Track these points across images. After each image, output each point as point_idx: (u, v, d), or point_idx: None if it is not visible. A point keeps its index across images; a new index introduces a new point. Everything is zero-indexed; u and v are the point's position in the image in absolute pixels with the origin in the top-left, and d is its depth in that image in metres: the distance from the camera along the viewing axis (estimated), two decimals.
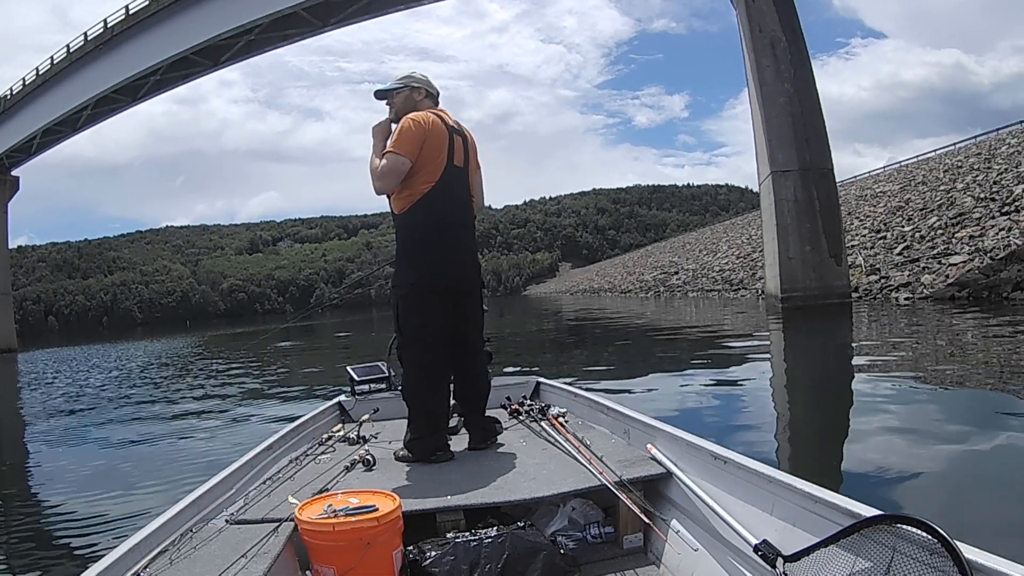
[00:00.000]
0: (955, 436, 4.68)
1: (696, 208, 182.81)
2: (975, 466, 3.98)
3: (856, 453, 4.51)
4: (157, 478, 5.20)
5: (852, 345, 10.56)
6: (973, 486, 3.63)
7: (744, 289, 26.42)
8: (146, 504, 4.29)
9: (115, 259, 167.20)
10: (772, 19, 18.63)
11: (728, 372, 8.72)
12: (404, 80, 3.22)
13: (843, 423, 5.43)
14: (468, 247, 3.18)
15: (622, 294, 46.46)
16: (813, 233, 17.76)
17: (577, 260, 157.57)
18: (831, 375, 8.49)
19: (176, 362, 19.86)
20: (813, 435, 5.45)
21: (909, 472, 3.90)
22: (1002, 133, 32.46)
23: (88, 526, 4.03)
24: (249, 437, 6.20)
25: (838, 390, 7.21)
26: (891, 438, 4.74)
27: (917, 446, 4.46)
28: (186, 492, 2.34)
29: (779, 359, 10.14)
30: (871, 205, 29.28)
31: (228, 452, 5.43)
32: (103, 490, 4.90)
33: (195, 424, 7.86)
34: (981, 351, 8.38)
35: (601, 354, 13.14)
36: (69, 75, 33.93)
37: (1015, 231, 16.27)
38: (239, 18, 27.24)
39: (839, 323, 13.73)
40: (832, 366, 9.27)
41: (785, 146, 18.17)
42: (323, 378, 11.44)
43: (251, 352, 19.40)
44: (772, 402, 6.86)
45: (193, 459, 5.82)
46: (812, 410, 6.51)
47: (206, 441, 6.66)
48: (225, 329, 56.21)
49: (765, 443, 5.06)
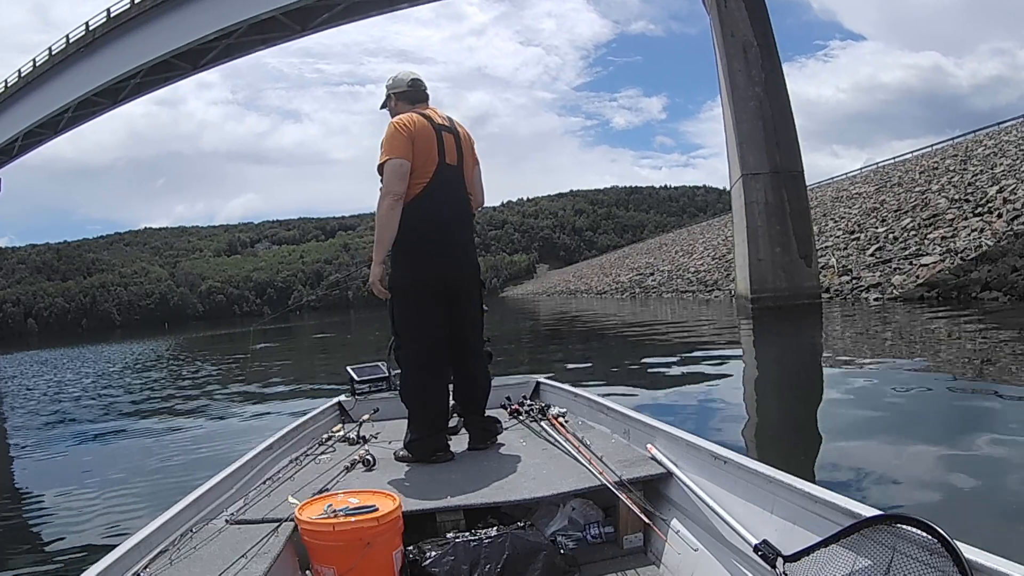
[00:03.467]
0: (917, 428, 4.88)
1: (673, 209, 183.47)
2: (949, 457, 4.08)
3: (816, 444, 4.67)
4: (155, 479, 5.20)
5: (819, 344, 10.85)
6: (950, 477, 3.70)
7: (718, 290, 26.50)
8: (145, 504, 4.29)
9: (94, 261, 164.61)
10: (744, 24, 18.79)
11: (693, 368, 8.91)
12: (386, 88, 3.27)
13: (806, 419, 5.65)
14: (464, 246, 3.16)
15: (598, 295, 46.57)
16: (783, 235, 17.96)
17: (555, 261, 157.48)
18: (795, 372, 8.79)
19: (161, 365, 19.66)
20: (778, 430, 5.64)
21: (879, 464, 4.03)
22: (979, 135, 32.69)
23: (88, 526, 4.00)
24: (242, 437, 6.26)
25: (802, 386, 7.53)
26: (854, 431, 4.97)
27: (879, 437, 4.66)
28: (185, 492, 2.33)
29: (750, 357, 10.41)
30: (846, 207, 29.58)
31: (227, 452, 5.43)
32: (103, 491, 4.86)
33: (191, 424, 7.86)
34: (943, 346, 8.71)
35: (572, 353, 13.38)
36: (51, 78, 33.88)
37: (987, 232, 16.53)
38: (218, 22, 27.23)
39: (807, 323, 13.97)
40: (798, 364, 9.55)
41: (756, 149, 18.34)
42: (304, 377, 11.53)
43: (235, 353, 19.34)
44: (735, 398, 7.00)
45: (192, 459, 5.81)
46: (775, 405, 6.77)
47: (203, 441, 6.67)
48: (203, 331, 55.62)
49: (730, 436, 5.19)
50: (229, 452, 5.15)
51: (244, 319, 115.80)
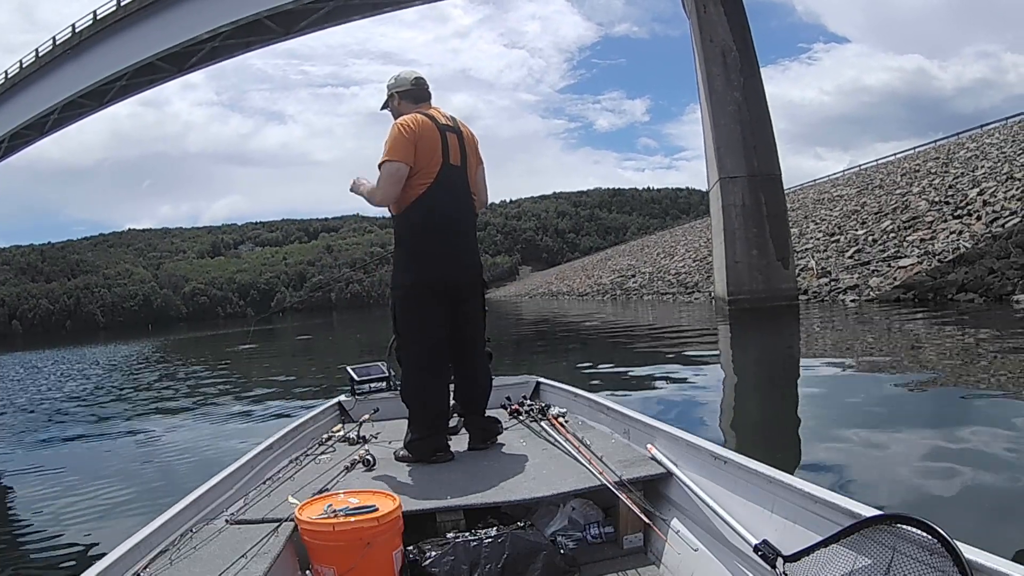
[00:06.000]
0: (896, 426, 4.96)
1: (656, 211, 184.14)
2: (929, 455, 4.17)
3: (795, 445, 4.73)
4: (153, 479, 5.19)
5: (795, 345, 11.03)
6: (931, 474, 3.80)
7: (698, 292, 26.60)
8: (144, 504, 4.27)
9: (78, 262, 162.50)
10: (723, 29, 19.04)
11: (667, 368, 9.02)
12: (388, 88, 3.25)
13: (780, 420, 5.74)
14: (467, 246, 3.16)
15: (579, 297, 46.75)
16: (760, 238, 18.20)
17: (537, 263, 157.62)
18: (770, 372, 8.97)
19: (150, 367, 19.47)
20: (752, 432, 5.70)
21: (858, 463, 4.11)
22: (962, 137, 33.04)
23: (88, 527, 3.98)
24: (239, 438, 6.27)
25: (776, 387, 7.66)
26: (829, 431, 5.09)
27: (857, 437, 4.72)
28: (184, 492, 2.32)
29: (726, 358, 10.60)
30: (827, 209, 29.85)
31: (226, 452, 5.44)
32: (102, 492, 4.82)
33: (191, 424, 7.86)
34: (923, 346, 8.86)
35: (557, 353, 13.55)
36: (37, 79, 33.61)
37: (966, 234, 16.74)
38: (203, 25, 27.18)
39: (784, 324, 14.16)
40: (774, 364, 9.72)
41: (734, 153, 18.59)
42: (292, 377, 11.54)
43: (222, 357, 19.26)
44: (707, 398, 7.07)
45: (193, 459, 5.81)
46: (749, 406, 6.87)
47: (202, 441, 6.67)
48: (187, 333, 55.23)
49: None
50: (229, 453, 5.14)
51: (227, 321, 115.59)
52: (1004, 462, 3.79)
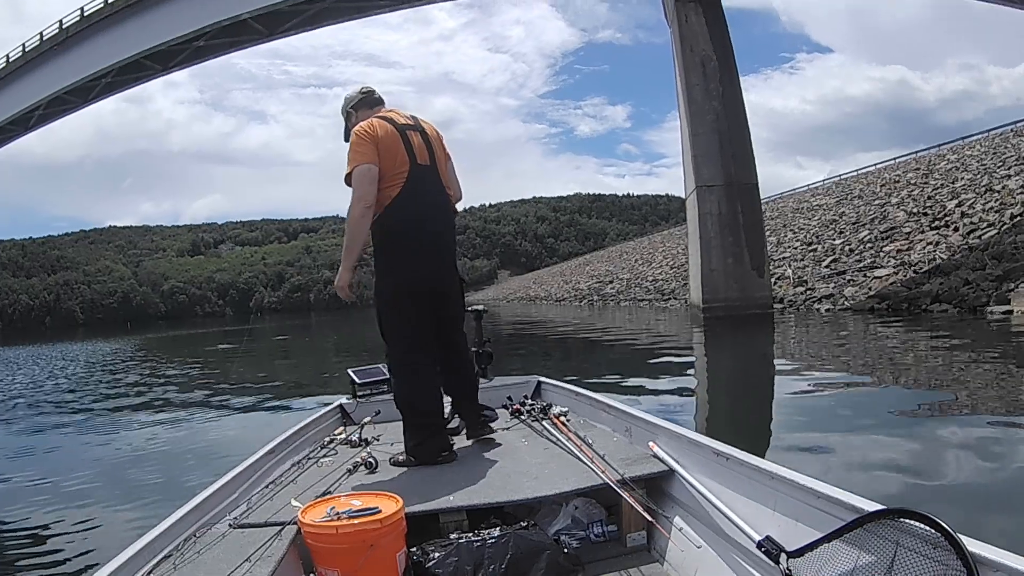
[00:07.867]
0: (872, 426, 5.12)
1: (636, 218, 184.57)
2: (908, 454, 4.30)
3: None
4: (150, 479, 5.17)
5: (769, 351, 11.29)
6: (910, 470, 3.93)
7: (675, 299, 26.74)
8: (143, 506, 4.26)
9: (59, 258, 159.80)
10: (704, 39, 19.18)
11: (642, 371, 9.21)
12: (342, 112, 3.28)
13: (751, 426, 5.84)
14: (444, 247, 3.14)
15: (557, 302, 46.87)
16: (736, 246, 18.34)
17: (516, 268, 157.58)
18: (743, 379, 9.13)
19: (134, 367, 19.28)
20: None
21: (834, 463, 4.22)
22: (943, 149, 33.58)
23: (92, 532, 3.95)
24: (237, 439, 6.28)
25: (748, 393, 7.80)
26: (794, 426, 5.31)
27: (832, 436, 4.89)
28: (186, 497, 2.31)
29: (701, 363, 10.73)
30: (806, 218, 30.17)
31: (227, 453, 5.45)
32: (104, 497, 4.79)
33: (189, 424, 7.80)
34: (895, 355, 9.03)
35: (534, 357, 13.67)
36: (23, 74, 33.15)
37: (942, 245, 16.97)
38: (189, 25, 27.09)
39: (758, 332, 14.33)
40: (747, 370, 9.88)
41: (711, 162, 18.73)
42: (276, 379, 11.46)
43: (206, 356, 19.17)
44: (680, 404, 7.19)
45: (189, 459, 5.80)
46: (717, 412, 6.97)
47: (200, 442, 6.65)
48: (165, 332, 54.62)
49: None
50: (230, 454, 5.15)
51: (206, 320, 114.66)
52: (981, 459, 3.98)
